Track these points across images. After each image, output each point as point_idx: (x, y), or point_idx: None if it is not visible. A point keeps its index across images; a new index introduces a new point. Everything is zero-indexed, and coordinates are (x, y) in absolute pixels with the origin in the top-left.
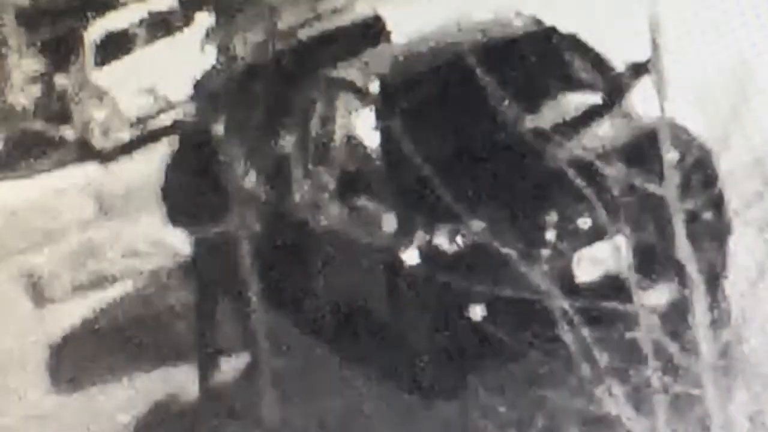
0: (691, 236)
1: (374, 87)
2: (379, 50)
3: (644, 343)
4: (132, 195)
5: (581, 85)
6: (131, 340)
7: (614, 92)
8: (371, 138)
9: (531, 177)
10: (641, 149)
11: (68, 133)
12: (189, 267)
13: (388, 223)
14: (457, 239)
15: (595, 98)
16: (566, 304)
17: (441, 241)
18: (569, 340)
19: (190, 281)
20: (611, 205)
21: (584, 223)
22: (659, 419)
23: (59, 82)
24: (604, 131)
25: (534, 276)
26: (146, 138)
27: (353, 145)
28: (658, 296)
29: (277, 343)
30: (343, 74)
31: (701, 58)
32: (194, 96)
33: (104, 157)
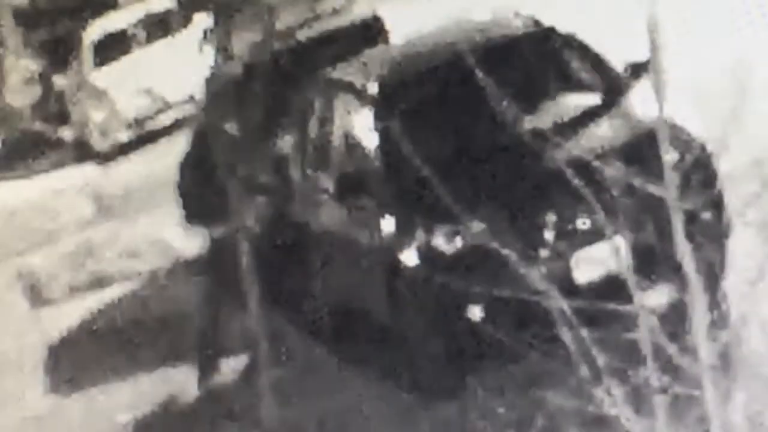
0: (690, 237)
1: (373, 87)
2: (378, 51)
3: (643, 344)
4: (130, 195)
5: (580, 85)
6: (130, 341)
7: (613, 93)
8: (370, 139)
9: (530, 177)
10: (640, 150)
11: (66, 133)
12: (200, 266)
13: (387, 224)
14: (456, 240)
15: (594, 99)
16: (565, 305)
17: (440, 241)
18: (568, 340)
19: (199, 280)
20: (610, 205)
21: (583, 223)
22: (658, 420)
23: (57, 82)
24: (603, 132)
25: (533, 277)
26: (144, 139)
27: (352, 146)
28: (657, 297)
29: (277, 345)
30: (341, 75)
31: (700, 59)
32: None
33: (102, 157)
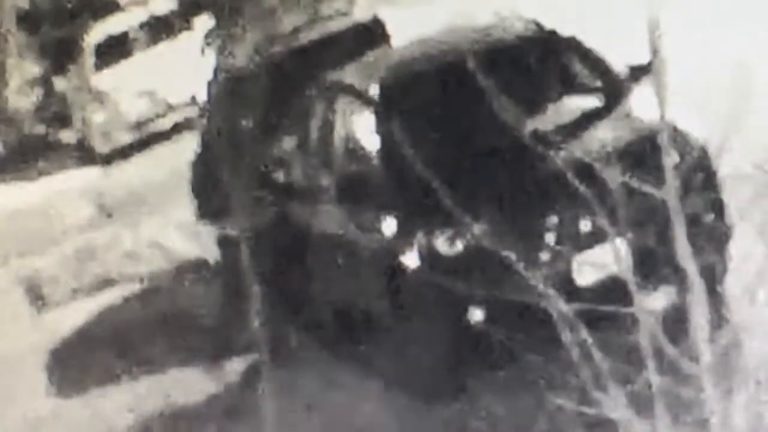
0: (691, 239)
1: (374, 90)
2: (379, 53)
3: (644, 346)
4: (132, 198)
5: (581, 88)
6: (131, 344)
7: (614, 95)
8: (371, 141)
9: (531, 180)
10: (641, 152)
11: (68, 136)
12: (214, 266)
13: (388, 226)
14: (457, 242)
15: (595, 101)
16: (566, 308)
17: (441, 244)
18: (569, 343)
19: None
20: (611, 208)
21: (584, 226)
22: (659, 422)
23: (59, 85)
24: (604, 134)
25: (534, 279)
26: (146, 141)
27: (353, 148)
28: (658, 299)
29: (278, 346)
30: (342, 77)
31: (701, 61)
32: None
33: (104, 160)
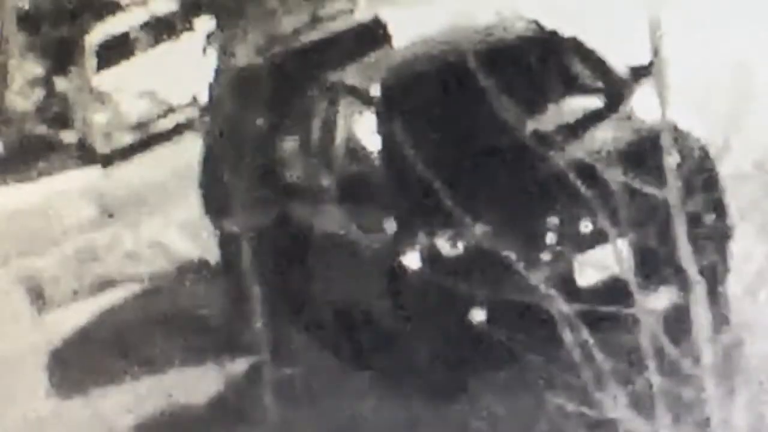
0: (692, 240)
1: (375, 90)
2: (381, 54)
3: (645, 347)
4: (133, 199)
5: (582, 88)
6: (132, 344)
7: (616, 96)
8: (372, 142)
9: (532, 180)
10: (642, 153)
11: (69, 136)
12: (215, 266)
13: (389, 226)
14: (459, 243)
15: (596, 102)
16: (567, 308)
17: (442, 244)
18: (570, 343)
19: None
20: (612, 208)
21: (585, 226)
22: (660, 422)
23: (60, 85)
24: (605, 134)
25: (535, 280)
26: (147, 142)
27: (354, 149)
28: (659, 300)
29: (279, 347)
30: (344, 78)
31: (702, 62)
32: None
33: (105, 160)
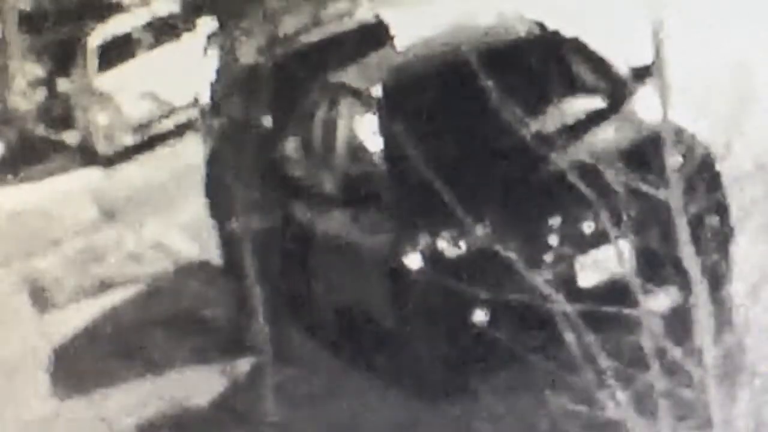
0: (694, 240)
1: (377, 91)
2: (382, 55)
3: (647, 348)
4: (135, 199)
5: (584, 89)
6: (134, 345)
7: (617, 96)
8: (374, 142)
9: (534, 181)
10: (644, 153)
11: (71, 137)
12: (217, 267)
13: (391, 227)
14: (461, 244)
15: (598, 102)
16: (569, 309)
17: (444, 245)
18: (572, 344)
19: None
20: (614, 209)
21: (587, 227)
22: (662, 423)
23: (62, 86)
24: (607, 135)
25: (537, 280)
26: (149, 143)
27: (356, 150)
28: (661, 300)
29: (281, 348)
30: (345, 79)
31: (704, 62)
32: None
33: (107, 161)
